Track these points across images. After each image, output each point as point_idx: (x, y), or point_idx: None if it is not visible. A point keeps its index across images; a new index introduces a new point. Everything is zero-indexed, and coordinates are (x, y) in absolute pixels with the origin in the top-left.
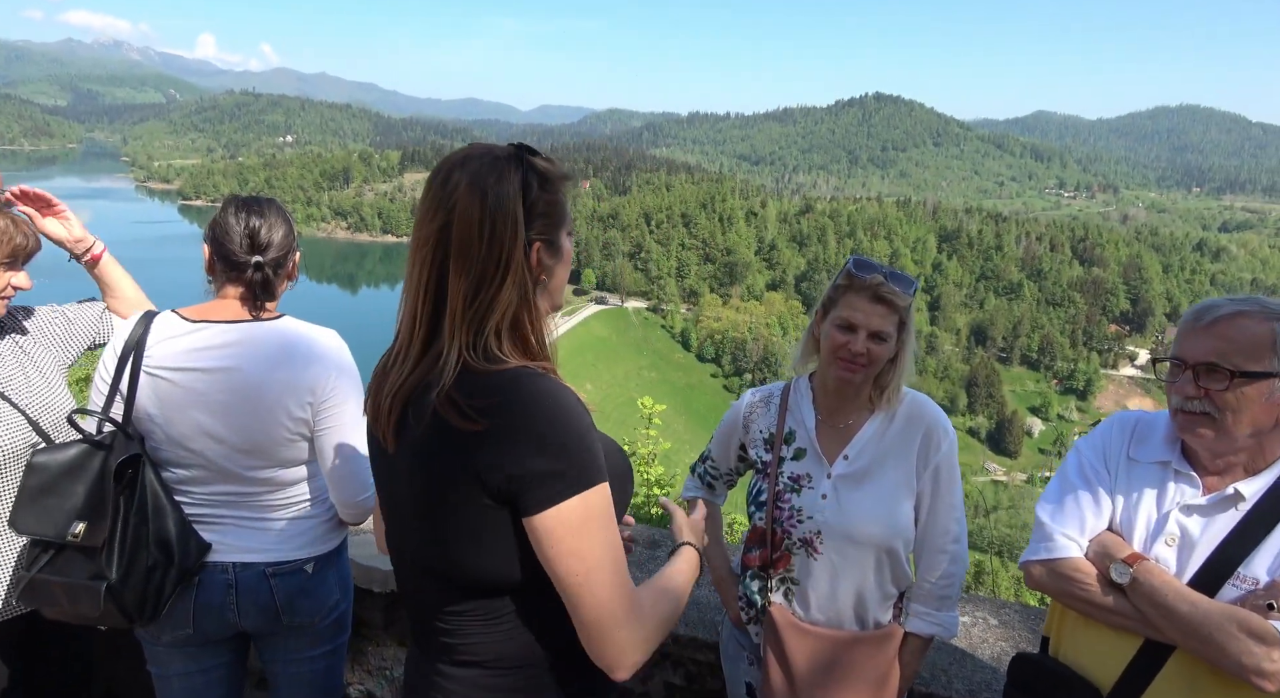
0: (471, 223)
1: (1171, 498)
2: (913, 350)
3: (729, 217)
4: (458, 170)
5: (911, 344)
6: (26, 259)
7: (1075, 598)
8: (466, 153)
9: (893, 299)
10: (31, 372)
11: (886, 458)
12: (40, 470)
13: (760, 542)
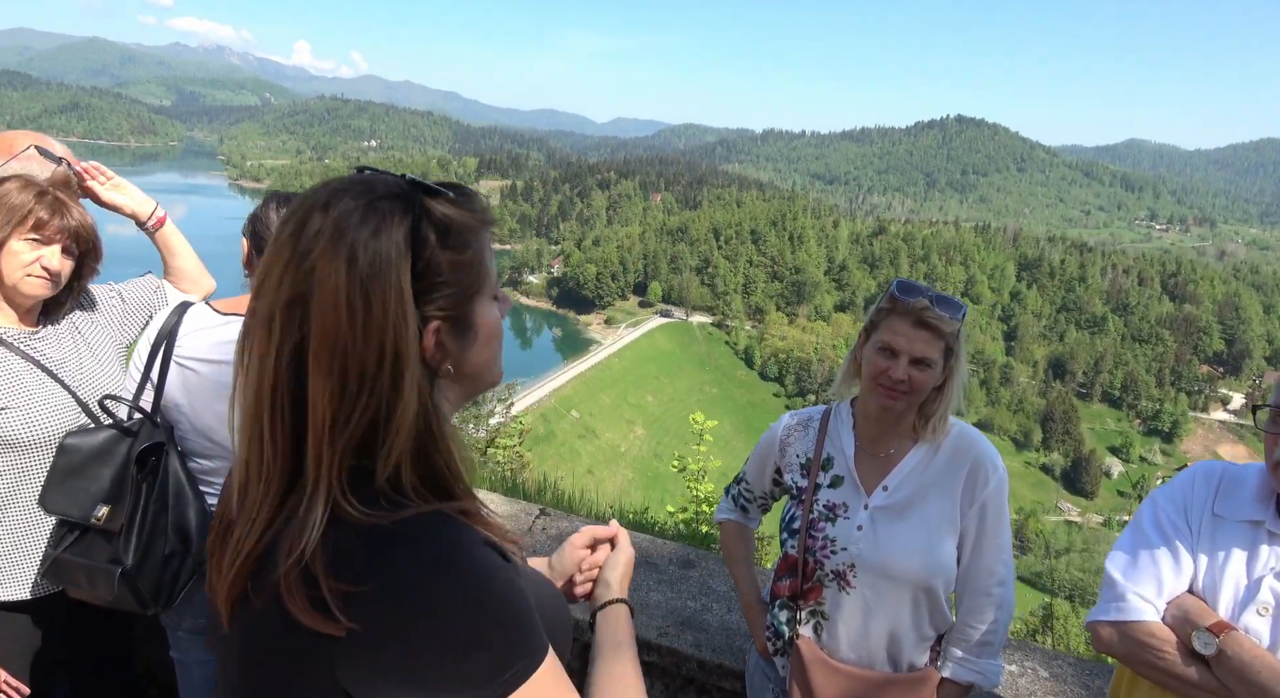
0: (337, 299)
1: (1265, 562)
2: (962, 379)
3: (799, 235)
4: (319, 214)
5: (961, 373)
6: (76, 242)
7: (1150, 666)
8: (334, 189)
9: (938, 324)
10: (85, 353)
11: (929, 491)
12: (70, 452)
13: (791, 571)
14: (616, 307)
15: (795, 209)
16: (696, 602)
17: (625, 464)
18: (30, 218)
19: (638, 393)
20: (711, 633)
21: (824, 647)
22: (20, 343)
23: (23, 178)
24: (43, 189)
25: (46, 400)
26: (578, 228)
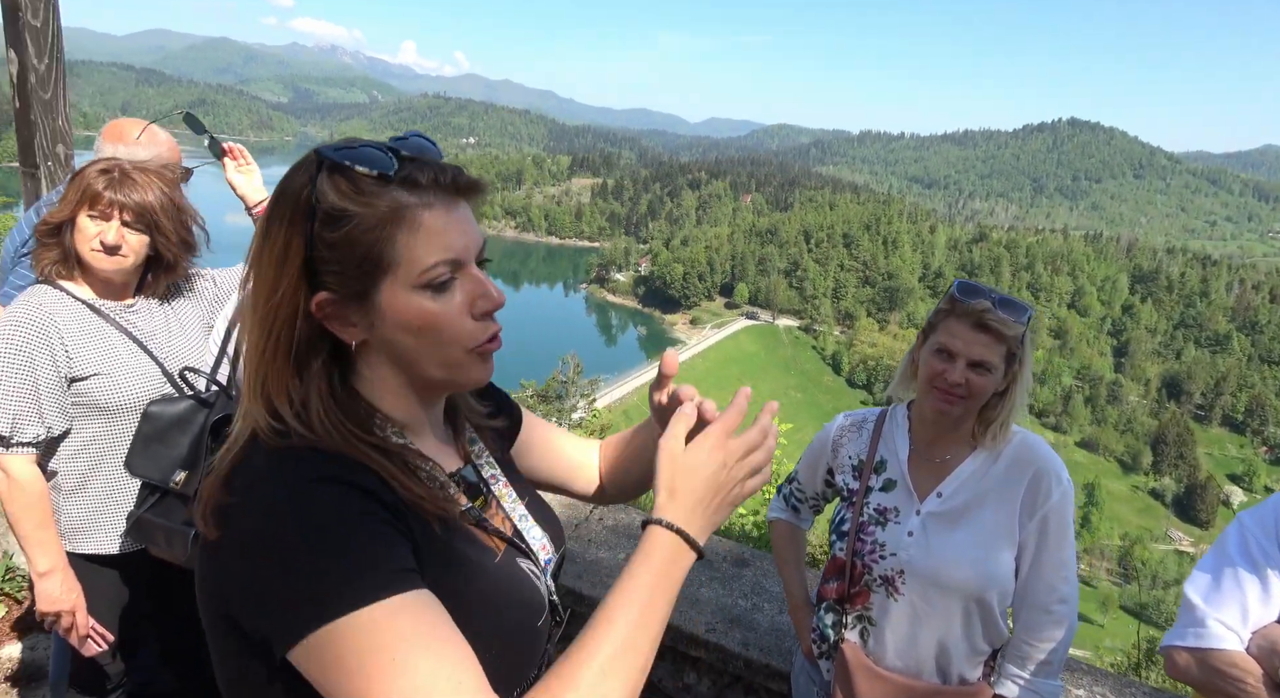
0: (257, 252)
1: None
2: (1026, 386)
3: (894, 240)
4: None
5: (1025, 379)
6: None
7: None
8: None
9: (999, 328)
10: (174, 328)
11: (986, 500)
12: (153, 419)
13: (839, 574)
14: (702, 307)
15: (890, 213)
16: (748, 601)
17: None
18: (90, 194)
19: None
20: (761, 633)
21: (870, 653)
22: (115, 315)
23: (105, 160)
24: (109, 168)
25: (135, 369)
26: (666, 227)
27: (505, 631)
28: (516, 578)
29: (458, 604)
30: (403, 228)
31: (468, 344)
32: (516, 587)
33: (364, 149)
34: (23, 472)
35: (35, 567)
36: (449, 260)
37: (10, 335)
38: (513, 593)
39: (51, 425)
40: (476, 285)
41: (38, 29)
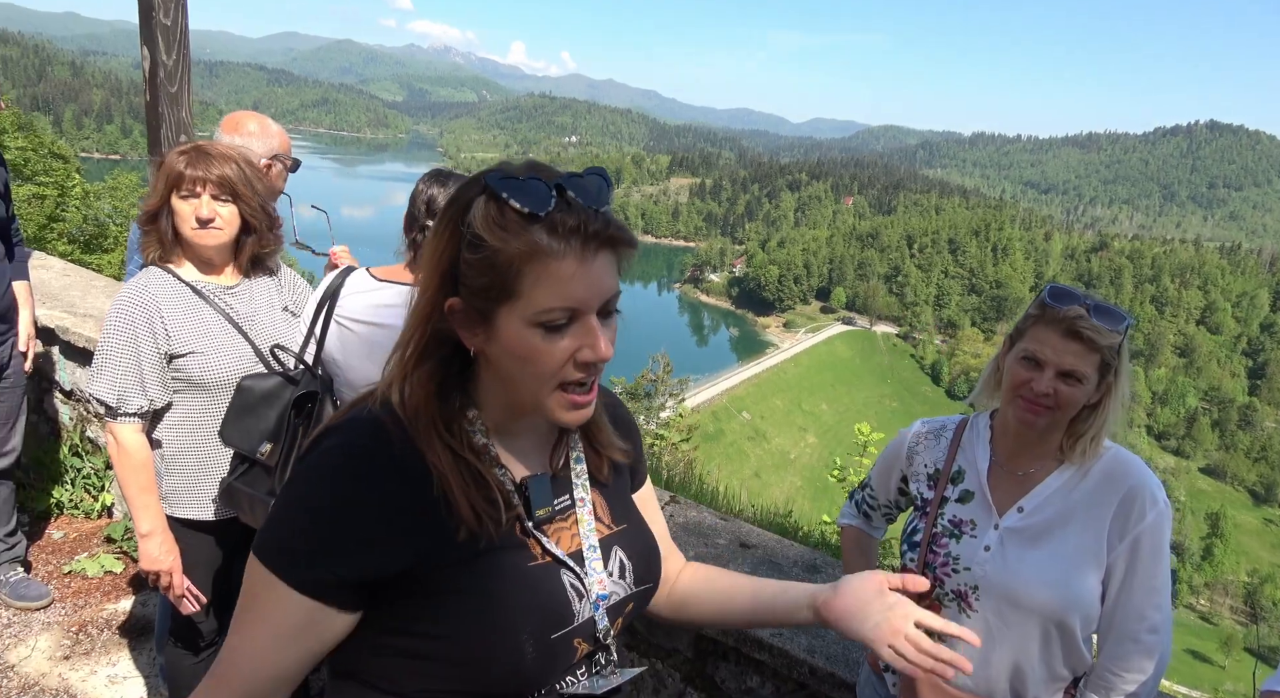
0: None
1: None
2: (1123, 399)
3: (1004, 247)
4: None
5: (1122, 392)
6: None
7: None
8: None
9: (1093, 336)
10: (267, 309)
11: (1071, 517)
12: (245, 393)
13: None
14: (797, 310)
15: (1002, 218)
16: None
17: (794, 471)
18: (174, 176)
19: (812, 400)
20: (828, 641)
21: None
22: (214, 296)
23: (186, 144)
24: (186, 149)
25: (230, 348)
26: (763, 228)
27: (508, 629)
28: (545, 586)
29: (463, 590)
30: (532, 268)
31: (556, 384)
32: (541, 593)
33: (529, 182)
34: (129, 440)
35: (138, 528)
36: (566, 308)
37: (118, 316)
38: (531, 596)
39: (154, 398)
40: (587, 337)
41: (168, 27)
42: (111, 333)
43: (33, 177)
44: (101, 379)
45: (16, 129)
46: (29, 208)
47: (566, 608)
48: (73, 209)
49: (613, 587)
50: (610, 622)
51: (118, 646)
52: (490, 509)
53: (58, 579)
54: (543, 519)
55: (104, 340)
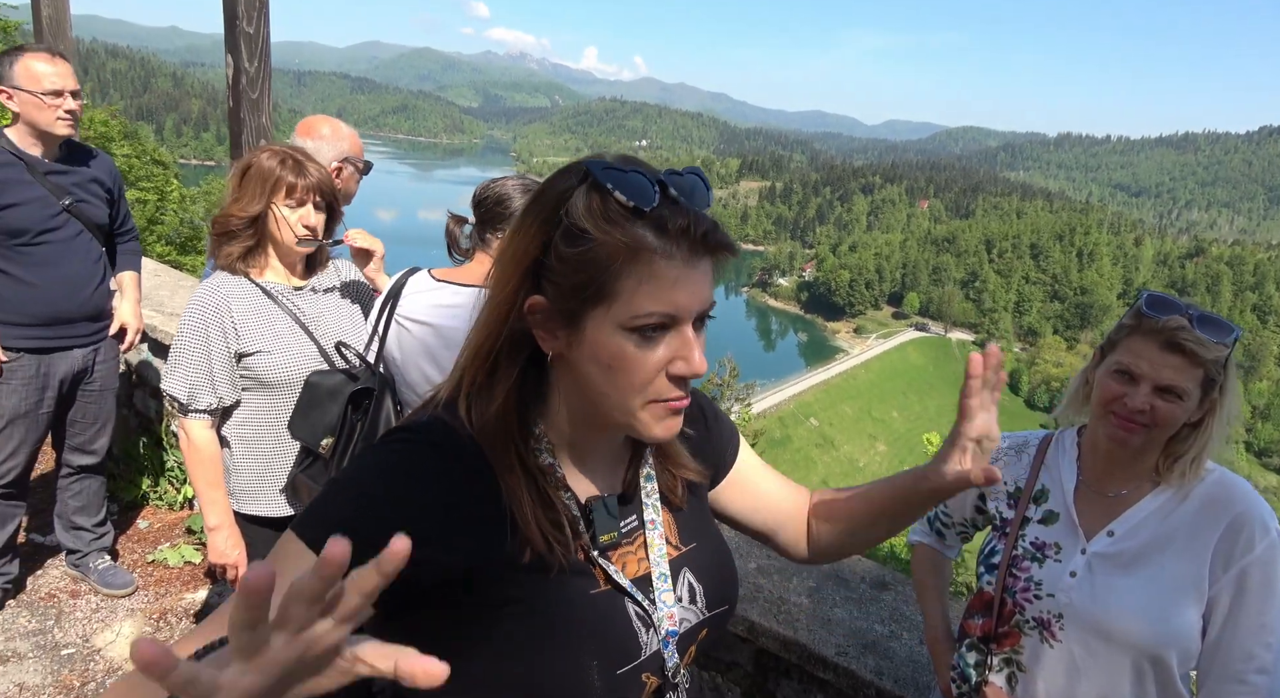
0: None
1: None
2: (1230, 417)
3: (1090, 252)
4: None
5: (1229, 410)
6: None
7: None
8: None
9: (1195, 349)
10: (334, 309)
11: (1169, 544)
12: (312, 388)
13: (986, 610)
14: (868, 316)
15: (1089, 223)
16: (885, 627)
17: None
18: (283, 184)
19: (883, 407)
20: (897, 662)
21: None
22: (285, 297)
23: (269, 148)
24: (284, 156)
25: (297, 349)
26: (834, 232)
27: (573, 659)
28: (609, 618)
29: (524, 612)
30: (635, 268)
31: (648, 398)
32: (604, 625)
33: (632, 175)
34: (199, 435)
35: (207, 521)
36: (666, 314)
37: (190, 316)
38: (596, 626)
39: (223, 396)
40: (683, 347)
41: (250, 35)
42: (184, 332)
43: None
44: (174, 376)
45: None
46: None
47: (633, 640)
48: (170, 213)
49: (682, 614)
50: (681, 653)
51: None
52: (557, 534)
53: (141, 568)
54: (607, 546)
55: (177, 339)
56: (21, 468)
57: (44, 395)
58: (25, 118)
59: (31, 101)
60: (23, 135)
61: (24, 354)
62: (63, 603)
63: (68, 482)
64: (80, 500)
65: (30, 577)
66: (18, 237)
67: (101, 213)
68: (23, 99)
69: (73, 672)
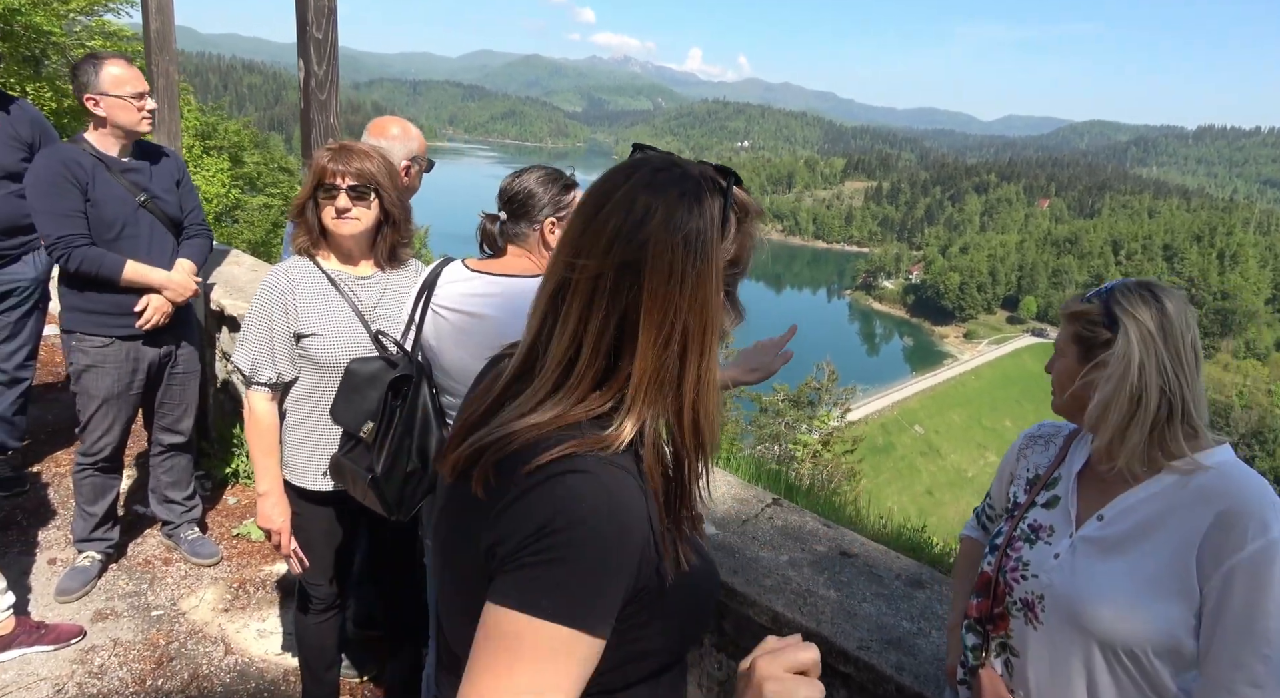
0: (672, 271)
1: None
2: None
3: (1234, 253)
4: (645, 194)
5: (1124, 372)
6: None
7: None
8: (655, 169)
9: (1064, 310)
10: (390, 299)
11: (1154, 533)
12: (353, 375)
13: (984, 590)
14: (979, 320)
15: (1232, 222)
16: (914, 624)
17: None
18: (319, 171)
19: (994, 416)
20: (921, 659)
21: (1012, 688)
22: (344, 284)
23: (333, 143)
24: (333, 147)
25: (350, 334)
26: (945, 233)
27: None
28: (709, 566)
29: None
30: (750, 238)
31: None
32: (711, 572)
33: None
34: (260, 406)
35: (258, 487)
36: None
37: (260, 296)
38: (709, 574)
39: (283, 371)
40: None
41: (319, 40)
42: (253, 310)
43: (264, 188)
44: (241, 350)
45: (254, 146)
46: (258, 215)
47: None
48: None
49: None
50: None
51: (269, 604)
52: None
53: (226, 541)
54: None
55: (247, 316)
56: (115, 444)
57: (134, 378)
58: (112, 121)
59: (119, 105)
60: (101, 137)
61: (115, 341)
62: (156, 569)
63: (160, 459)
64: (171, 476)
65: (130, 544)
66: (106, 232)
67: (174, 207)
68: (110, 103)
69: (160, 631)
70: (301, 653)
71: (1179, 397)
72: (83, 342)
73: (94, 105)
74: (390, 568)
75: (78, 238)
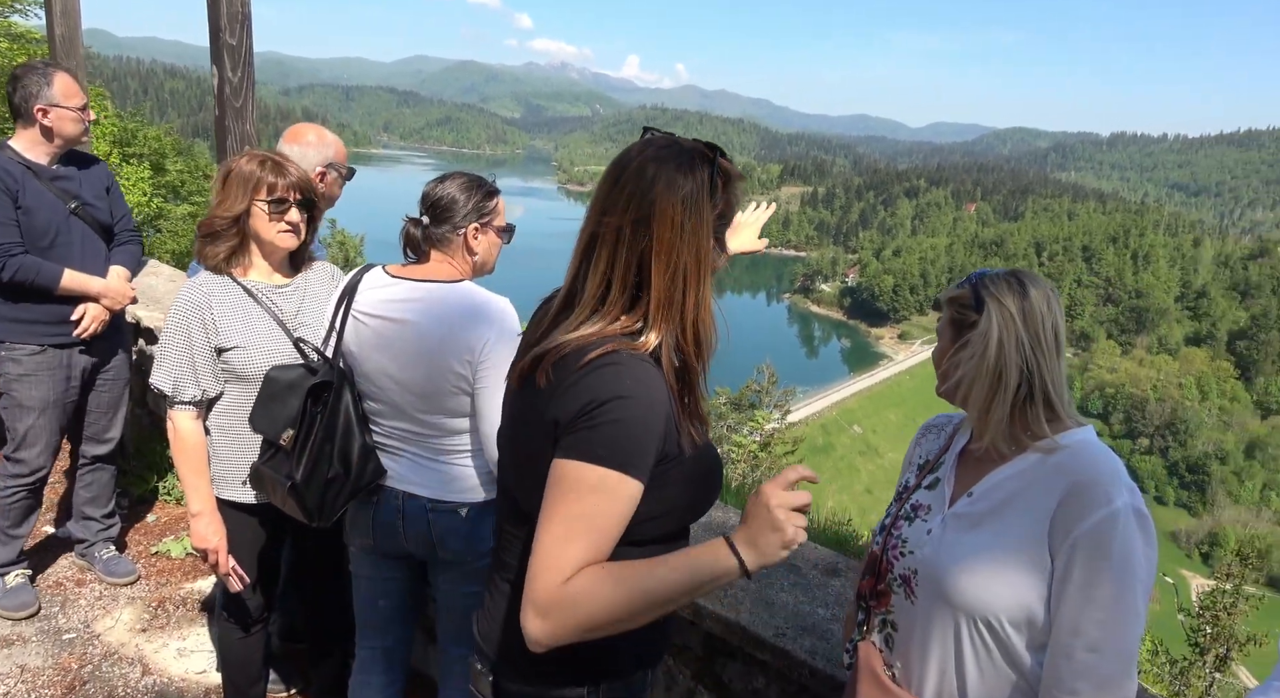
0: (674, 223)
1: None
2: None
3: (1146, 254)
4: (653, 165)
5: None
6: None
7: None
8: (660, 146)
9: (941, 297)
10: (309, 306)
11: (1011, 508)
12: (272, 382)
13: (870, 568)
14: (913, 321)
15: (1144, 224)
16: (828, 610)
17: None
18: (263, 184)
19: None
20: (833, 644)
21: (891, 664)
22: (264, 295)
23: (248, 154)
24: (263, 158)
25: (271, 344)
26: (878, 237)
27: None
28: (715, 452)
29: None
30: (734, 196)
31: None
32: (716, 456)
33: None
34: (184, 425)
35: (190, 508)
36: None
37: (175, 313)
38: (714, 456)
39: (206, 388)
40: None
41: (233, 47)
42: (169, 329)
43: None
44: (160, 370)
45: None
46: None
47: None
48: None
49: None
50: None
51: (190, 622)
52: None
53: (145, 559)
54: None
55: (163, 336)
56: (49, 460)
57: (68, 386)
58: (59, 131)
59: (68, 116)
60: (29, 145)
61: (48, 349)
62: (68, 591)
63: (82, 473)
64: (91, 491)
65: (41, 565)
66: (39, 240)
67: (105, 214)
68: (59, 114)
69: (72, 655)
70: (225, 670)
71: (1038, 377)
72: (13, 351)
73: (43, 115)
74: (315, 577)
75: (13, 247)
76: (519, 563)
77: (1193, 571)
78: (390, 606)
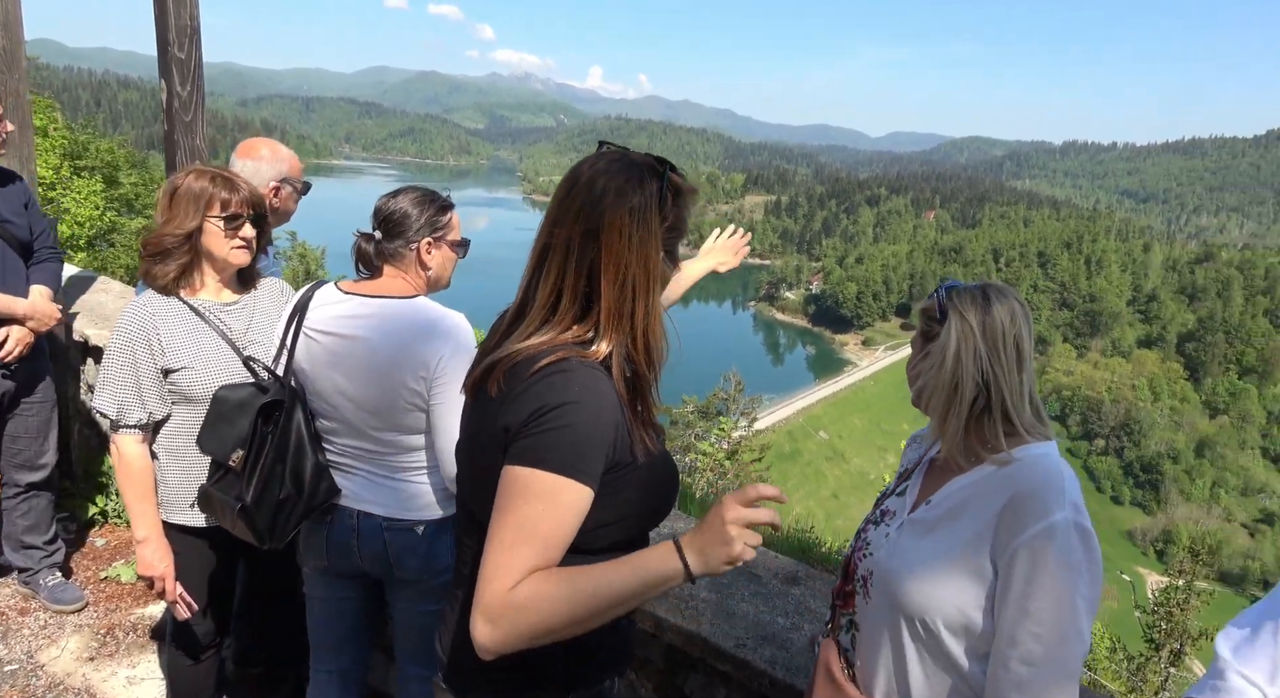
0: (622, 235)
1: None
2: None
3: (1098, 259)
4: (603, 178)
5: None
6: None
7: None
8: (610, 160)
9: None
10: (259, 323)
11: (960, 517)
12: (221, 402)
13: (843, 569)
14: (876, 328)
15: (1096, 230)
16: (788, 619)
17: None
18: (215, 200)
19: (893, 420)
20: (793, 652)
21: (853, 665)
22: (212, 314)
23: (194, 169)
24: (213, 174)
25: (220, 363)
26: (841, 245)
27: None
28: (669, 460)
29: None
30: (684, 209)
31: None
32: (671, 464)
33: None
34: (129, 450)
35: (135, 534)
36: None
37: (118, 335)
38: (669, 464)
39: (153, 411)
40: None
41: (182, 61)
42: (112, 351)
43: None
44: (104, 393)
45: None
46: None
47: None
48: None
49: None
50: None
51: (140, 649)
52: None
53: (94, 584)
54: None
55: (106, 358)
56: None
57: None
58: None
59: None
60: None
61: None
62: (10, 620)
63: (15, 502)
64: (29, 519)
65: None
66: None
67: (24, 231)
68: None
69: (14, 687)
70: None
71: (995, 390)
72: None
73: None
74: (268, 601)
75: None
76: (474, 575)
77: (1148, 568)
78: (345, 626)
